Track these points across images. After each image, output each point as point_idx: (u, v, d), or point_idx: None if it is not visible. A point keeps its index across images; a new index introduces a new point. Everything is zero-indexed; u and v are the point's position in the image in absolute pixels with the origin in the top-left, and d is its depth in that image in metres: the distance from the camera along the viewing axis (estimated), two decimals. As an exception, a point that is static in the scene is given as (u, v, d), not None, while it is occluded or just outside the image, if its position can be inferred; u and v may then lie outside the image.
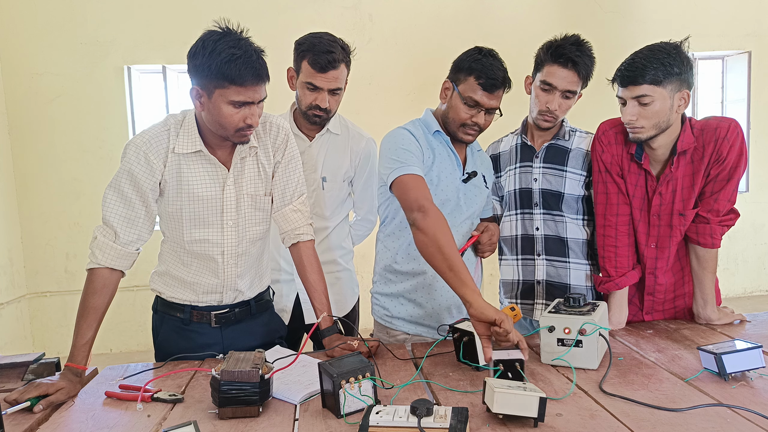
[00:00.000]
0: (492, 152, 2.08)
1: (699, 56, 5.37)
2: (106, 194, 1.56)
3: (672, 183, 1.71)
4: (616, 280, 1.78)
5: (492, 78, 1.65)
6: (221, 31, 1.47)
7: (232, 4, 4.58)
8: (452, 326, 1.54)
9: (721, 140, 1.65)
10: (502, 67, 1.69)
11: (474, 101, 1.68)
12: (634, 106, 1.62)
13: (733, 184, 1.69)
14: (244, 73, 1.43)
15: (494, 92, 1.68)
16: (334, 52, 1.88)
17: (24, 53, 4.49)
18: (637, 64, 1.60)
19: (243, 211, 1.64)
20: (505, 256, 2.04)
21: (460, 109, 1.71)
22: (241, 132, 1.51)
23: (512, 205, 1.99)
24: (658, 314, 1.86)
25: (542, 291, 1.96)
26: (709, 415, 1.19)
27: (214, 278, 1.65)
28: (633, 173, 1.76)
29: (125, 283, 1.68)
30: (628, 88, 1.62)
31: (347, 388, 1.23)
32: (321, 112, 1.96)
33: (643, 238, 1.78)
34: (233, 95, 1.45)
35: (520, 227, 1.97)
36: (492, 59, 1.68)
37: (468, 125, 1.72)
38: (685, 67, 1.60)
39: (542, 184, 1.92)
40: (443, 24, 4.87)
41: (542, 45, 1.89)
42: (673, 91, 1.60)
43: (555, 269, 1.94)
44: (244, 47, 1.44)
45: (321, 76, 1.90)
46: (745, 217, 5.59)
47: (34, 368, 1.56)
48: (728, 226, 1.73)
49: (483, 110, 1.70)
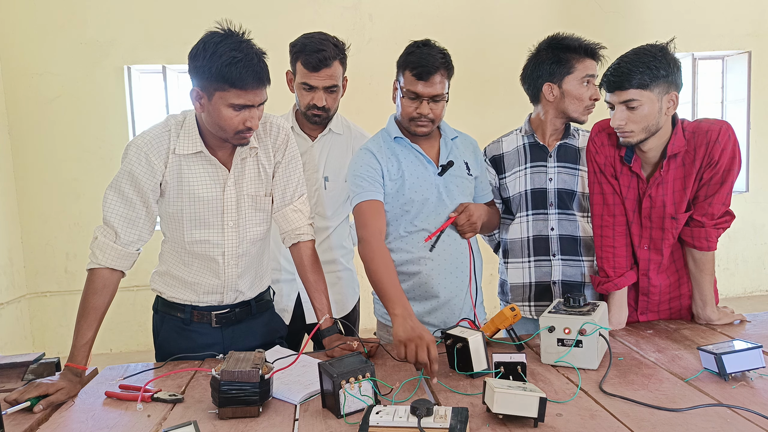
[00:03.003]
0: (494, 153, 2.00)
1: (699, 56, 5.36)
2: (107, 194, 1.56)
3: (662, 186, 1.71)
4: (614, 280, 1.78)
5: (424, 66, 1.66)
6: (223, 32, 1.45)
7: (232, 5, 4.58)
8: (445, 332, 1.51)
9: (712, 143, 1.64)
10: (436, 54, 1.68)
11: (413, 93, 1.70)
12: (622, 110, 1.61)
13: (727, 187, 1.68)
14: (245, 76, 1.42)
15: (429, 79, 1.68)
16: (324, 50, 1.89)
17: (24, 53, 4.49)
18: (623, 68, 1.59)
19: (243, 212, 1.64)
20: (514, 258, 1.97)
21: (404, 104, 1.74)
22: (240, 135, 1.51)
23: (523, 206, 1.93)
24: (652, 315, 1.86)
25: (559, 291, 1.92)
26: (709, 415, 1.19)
27: (215, 279, 1.65)
28: (625, 175, 1.76)
29: (125, 283, 1.68)
30: (615, 93, 1.61)
31: (347, 388, 1.23)
32: (320, 111, 1.96)
33: (636, 240, 1.79)
34: (233, 98, 1.45)
35: (533, 228, 1.93)
36: (424, 48, 1.69)
37: (415, 118, 1.73)
38: (672, 68, 1.59)
39: (558, 183, 1.90)
40: (443, 24, 4.86)
41: (566, 40, 1.84)
42: (661, 93, 1.59)
43: (570, 269, 1.92)
44: (245, 50, 1.43)
45: (314, 75, 1.91)
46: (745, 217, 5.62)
47: (34, 368, 1.56)
48: (723, 229, 1.73)
49: (425, 100, 1.70)
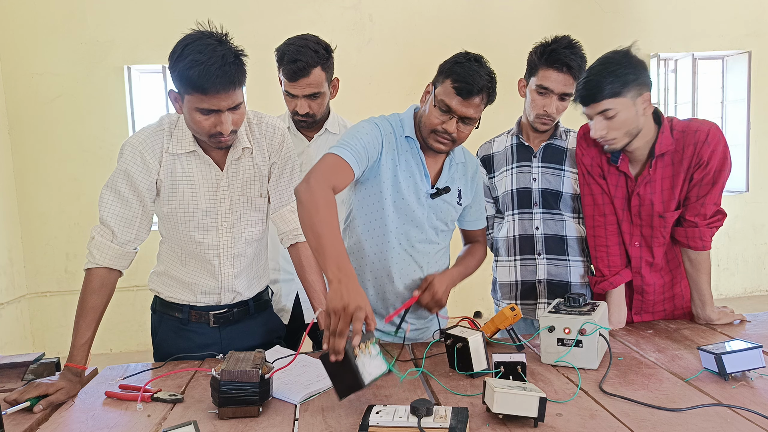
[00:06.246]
0: (484, 153, 2.05)
1: (699, 56, 5.36)
2: (103, 194, 1.55)
3: (651, 185, 1.72)
4: (610, 279, 1.79)
5: (468, 83, 1.52)
6: (196, 34, 1.41)
7: (231, 5, 4.58)
8: (444, 332, 1.51)
9: (701, 144, 1.65)
10: (484, 75, 1.54)
11: (446, 106, 1.56)
12: (600, 120, 1.62)
13: (719, 187, 1.69)
14: (205, 80, 1.36)
15: (469, 99, 1.54)
16: (300, 60, 1.85)
17: (24, 53, 4.49)
18: (592, 82, 1.60)
19: (238, 213, 1.63)
20: (501, 257, 2.03)
21: (432, 114, 1.59)
22: (215, 138, 1.47)
23: (509, 205, 1.97)
24: (647, 315, 1.86)
25: (544, 290, 1.95)
26: (709, 415, 1.19)
27: (212, 279, 1.64)
28: (613, 174, 1.76)
29: (125, 283, 1.68)
30: (590, 106, 1.62)
31: (361, 354, 1.21)
32: (304, 117, 1.97)
33: (627, 238, 1.79)
34: (198, 102, 1.40)
35: (518, 227, 1.96)
36: (475, 65, 1.55)
37: (438, 132, 1.59)
38: (639, 70, 1.60)
39: (542, 183, 1.93)
40: (443, 24, 4.87)
41: (534, 48, 1.88)
42: (634, 97, 1.60)
43: (556, 268, 1.94)
44: (210, 53, 1.35)
45: (293, 84, 1.90)
46: (745, 217, 5.62)
47: (34, 368, 1.56)
48: (716, 227, 1.74)
49: (456, 117, 1.57)
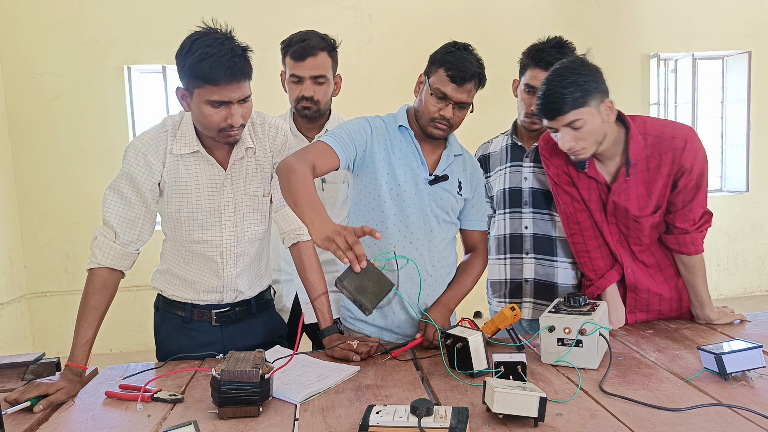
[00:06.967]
0: (482, 153, 2.09)
1: (699, 56, 5.36)
2: (106, 195, 1.56)
3: (625, 192, 1.70)
4: (596, 283, 1.79)
5: (461, 70, 1.61)
6: (203, 30, 1.45)
7: (231, 5, 4.58)
8: (444, 332, 1.52)
9: (679, 152, 1.63)
10: (474, 61, 1.63)
11: (442, 93, 1.63)
12: (567, 132, 1.59)
13: (703, 190, 1.69)
14: (216, 71, 1.40)
15: (463, 85, 1.62)
16: (308, 40, 1.92)
17: (24, 53, 4.49)
18: (554, 95, 1.55)
19: (241, 212, 1.64)
20: (493, 255, 2.04)
21: (429, 102, 1.66)
22: (224, 132, 1.49)
23: (501, 204, 2.00)
24: (641, 314, 1.85)
25: (530, 289, 1.96)
26: (710, 415, 1.19)
27: (215, 278, 1.65)
28: (583, 178, 1.74)
29: (125, 283, 1.68)
30: (556, 120, 1.58)
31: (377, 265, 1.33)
32: (308, 102, 1.98)
33: (609, 237, 1.79)
34: (209, 95, 1.44)
35: (509, 226, 1.98)
36: (465, 53, 1.64)
37: (436, 119, 1.67)
38: (596, 77, 1.58)
39: (532, 183, 1.94)
40: (443, 24, 4.86)
41: (526, 49, 1.91)
42: (597, 105, 1.58)
43: (543, 268, 1.94)
44: (219, 46, 1.41)
45: (300, 64, 1.94)
46: (745, 217, 5.62)
47: (34, 368, 1.56)
48: (706, 229, 1.74)
49: (452, 104, 1.64)
